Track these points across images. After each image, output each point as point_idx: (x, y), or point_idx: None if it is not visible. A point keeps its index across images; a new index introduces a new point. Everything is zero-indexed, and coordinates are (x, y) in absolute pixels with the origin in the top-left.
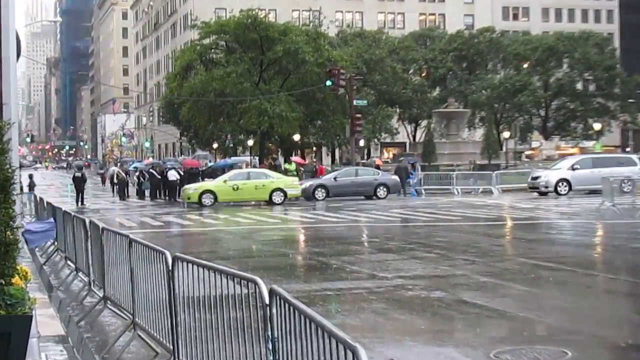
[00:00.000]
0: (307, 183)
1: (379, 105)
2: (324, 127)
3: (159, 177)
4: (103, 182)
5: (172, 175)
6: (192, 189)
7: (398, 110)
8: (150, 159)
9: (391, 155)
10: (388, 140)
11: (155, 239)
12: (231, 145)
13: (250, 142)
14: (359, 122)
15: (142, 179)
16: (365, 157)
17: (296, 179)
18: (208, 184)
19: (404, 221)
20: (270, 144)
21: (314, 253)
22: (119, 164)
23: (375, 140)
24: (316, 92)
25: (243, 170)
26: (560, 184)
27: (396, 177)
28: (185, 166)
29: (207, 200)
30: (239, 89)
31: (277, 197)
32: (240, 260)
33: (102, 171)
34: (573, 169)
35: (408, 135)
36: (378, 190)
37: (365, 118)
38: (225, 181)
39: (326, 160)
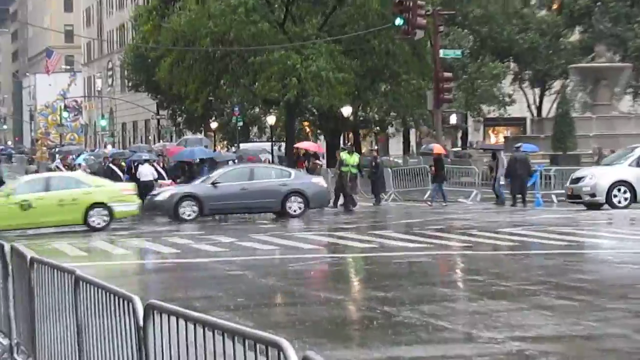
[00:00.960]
0: (168, 192)
1: (479, 59)
2: (392, 96)
3: (124, 175)
4: None
5: (146, 173)
6: None
7: (512, 65)
8: (109, 147)
9: (502, 140)
10: (495, 115)
11: (118, 276)
12: (240, 123)
13: (270, 120)
14: (449, 87)
15: None
16: (460, 142)
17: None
18: None
19: (522, 247)
20: (304, 123)
21: (373, 299)
22: (58, 156)
23: (475, 115)
24: (378, 38)
25: (38, 176)
26: (616, 189)
27: (319, 181)
28: (170, 158)
29: None
30: (251, 32)
31: (97, 218)
32: (255, 311)
33: (34, 167)
34: (639, 165)
35: (529, 106)
36: (288, 201)
37: (458, 79)
38: (8, 195)
39: (395, 148)
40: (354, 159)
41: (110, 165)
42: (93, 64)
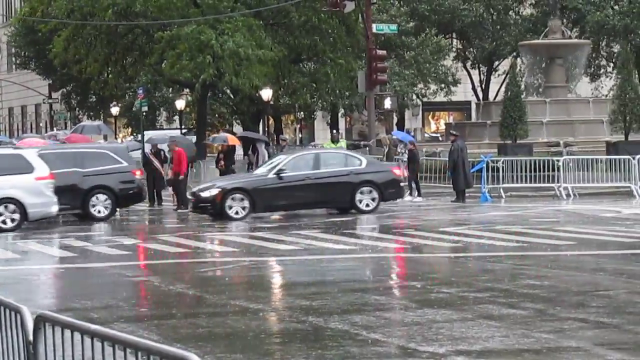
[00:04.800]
0: None
1: (419, 35)
2: (319, 77)
3: None
4: None
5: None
6: None
7: (456, 42)
8: None
9: (442, 126)
10: (439, 98)
11: (4, 284)
12: (145, 108)
13: (180, 104)
14: (383, 66)
15: None
16: (396, 129)
17: None
18: None
19: (465, 249)
20: (216, 107)
21: (297, 308)
22: None
23: (414, 97)
24: (301, 11)
25: None
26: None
27: None
28: None
29: None
30: (158, 3)
31: None
32: (162, 323)
33: None
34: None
35: (474, 89)
36: None
37: (394, 57)
38: None
39: (323, 135)
40: (341, 146)
41: None
42: None
